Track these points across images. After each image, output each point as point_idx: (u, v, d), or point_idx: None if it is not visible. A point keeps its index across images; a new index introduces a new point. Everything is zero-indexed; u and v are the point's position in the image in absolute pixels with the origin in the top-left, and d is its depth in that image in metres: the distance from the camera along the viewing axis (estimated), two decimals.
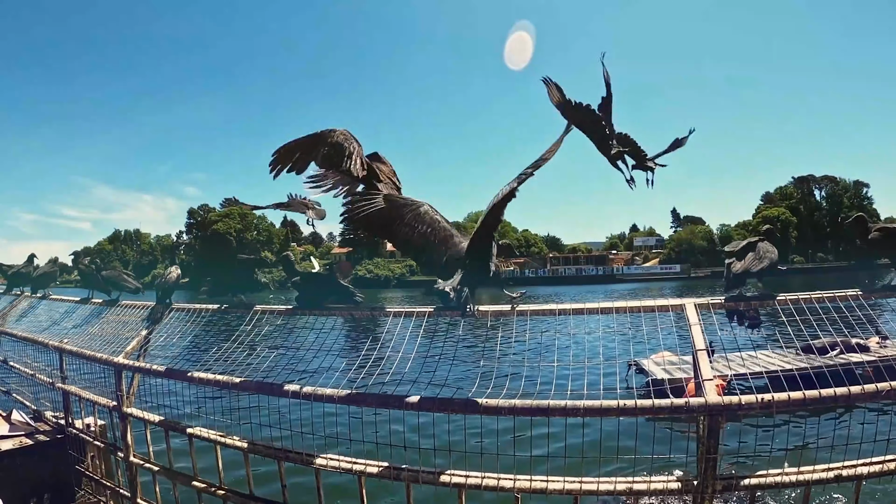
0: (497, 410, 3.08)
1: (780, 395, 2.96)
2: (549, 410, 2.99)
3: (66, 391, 6.19)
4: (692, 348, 3.33)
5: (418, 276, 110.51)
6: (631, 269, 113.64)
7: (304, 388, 3.62)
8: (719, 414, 3.02)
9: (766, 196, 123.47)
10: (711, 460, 3.07)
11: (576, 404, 2.97)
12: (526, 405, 3.04)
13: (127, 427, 5.10)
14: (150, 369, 4.78)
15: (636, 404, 2.95)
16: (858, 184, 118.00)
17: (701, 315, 3.55)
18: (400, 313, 3.95)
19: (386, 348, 3.85)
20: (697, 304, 3.59)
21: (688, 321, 3.48)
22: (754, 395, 2.98)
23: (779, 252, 3.79)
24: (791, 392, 2.97)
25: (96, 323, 6.17)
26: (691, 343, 3.36)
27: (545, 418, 3.13)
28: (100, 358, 5.22)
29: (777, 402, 2.96)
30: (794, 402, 2.97)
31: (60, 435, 6.45)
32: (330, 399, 3.52)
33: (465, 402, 3.18)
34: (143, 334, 5.20)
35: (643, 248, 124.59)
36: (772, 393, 2.97)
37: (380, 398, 3.40)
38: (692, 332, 3.40)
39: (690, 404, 2.97)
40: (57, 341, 6.12)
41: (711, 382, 3.10)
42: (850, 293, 3.62)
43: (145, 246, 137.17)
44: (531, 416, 3.06)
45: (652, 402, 2.96)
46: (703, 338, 3.36)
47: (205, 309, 5.05)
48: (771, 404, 2.96)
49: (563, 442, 3.46)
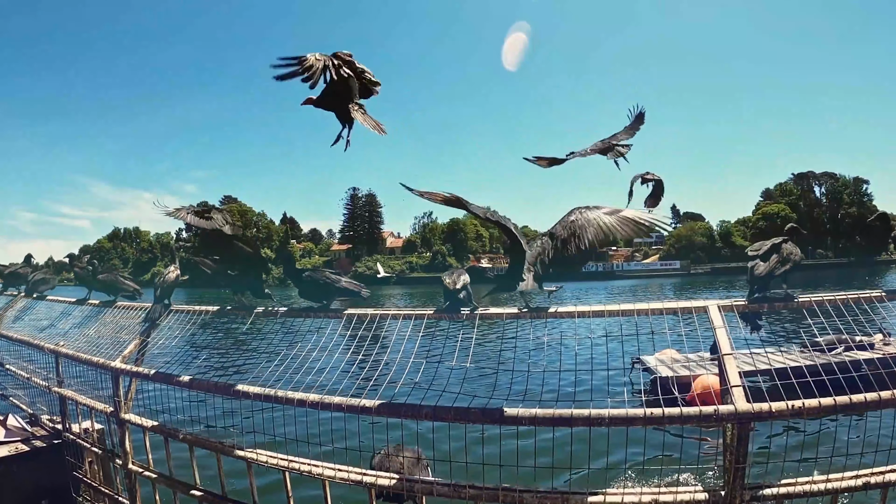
0: (517, 420, 2.92)
1: (810, 401, 2.83)
2: (572, 420, 2.84)
3: (63, 395, 6.02)
4: (718, 352, 3.18)
5: (418, 272, 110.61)
6: (631, 266, 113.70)
7: (310, 397, 3.45)
8: (749, 422, 2.88)
9: (765, 192, 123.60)
10: (740, 469, 2.94)
11: (600, 413, 2.81)
12: (547, 414, 2.87)
13: (125, 433, 4.95)
14: (147, 374, 4.63)
15: (664, 413, 2.80)
16: (858, 180, 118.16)
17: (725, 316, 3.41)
18: (398, 315, 3.84)
19: (387, 349, 3.74)
20: (721, 306, 3.44)
21: (712, 324, 3.34)
22: (785, 403, 2.85)
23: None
24: (822, 398, 2.84)
25: (93, 325, 6.01)
26: (717, 347, 3.21)
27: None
28: (96, 362, 5.06)
29: (808, 408, 2.83)
30: (825, 409, 2.84)
31: (58, 440, 6.29)
32: (338, 408, 3.34)
33: (483, 412, 3.01)
34: (140, 337, 5.03)
35: (643, 244, 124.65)
36: (802, 399, 2.84)
37: (392, 408, 3.22)
38: (717, 336, 3.26)
39: (720, 412, 2.82)
40: (53, 344, 5.97)
41: (739, 389, 2.96)
42: (875, 294, 3.52)
43: (145, 244, 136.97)
44: (553, 427, 2.90)
45: (680, 411, 2.81)
46: (728, 341, 3.21)
47: (204, 311, 4.91)
48: (802, 411, 2.84)
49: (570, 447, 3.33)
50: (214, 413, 4.41)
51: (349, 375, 3.65)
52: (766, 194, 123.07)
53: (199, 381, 4.18)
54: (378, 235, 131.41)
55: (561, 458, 3.20)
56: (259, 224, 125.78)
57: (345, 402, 3.34)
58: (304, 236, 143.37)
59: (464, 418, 3.02)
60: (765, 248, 3.59)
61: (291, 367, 3.89)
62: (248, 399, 3.83)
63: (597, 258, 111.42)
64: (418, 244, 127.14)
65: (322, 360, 3.86)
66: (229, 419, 4.35)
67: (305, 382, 3.66)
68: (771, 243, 3.62)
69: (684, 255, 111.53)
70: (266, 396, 3.69)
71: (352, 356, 3.86)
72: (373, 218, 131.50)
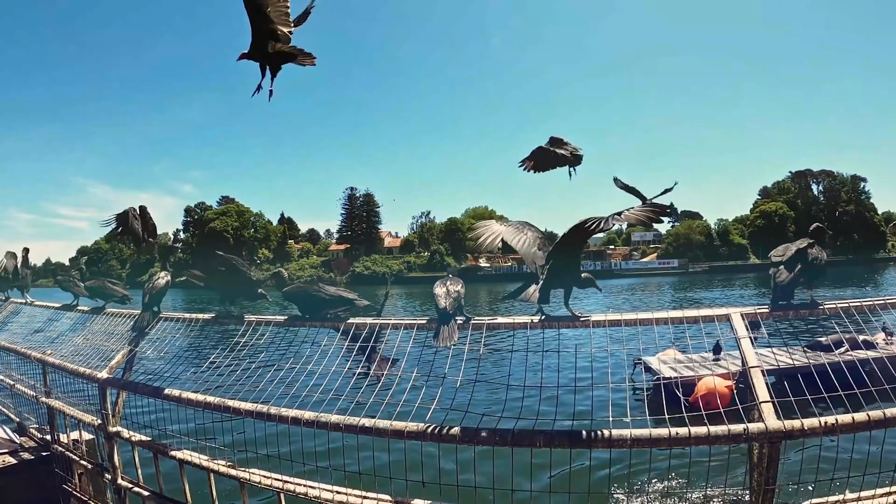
0: (531, 441, 2.70)
1: (843, 417, 2.64)
2: (591, 441, 2.61)
3: (51, 406, 5.79)
4: (744, 365, 2.96)
5: (416, 272, 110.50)
6: (629, 264, 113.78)
7: (304, 415, 3.21)
8: (780, 441, 2.67)
9: (763, 191, 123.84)
10: (769, 492, 2.74)
11: (622, 434, 2.59)
12: (563, 434, 2.65)
13: (113, 447, 4.72)
14: (134, 387, 4.41)
15: (690, 433, 2.58)
16: (856, 178, 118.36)
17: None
18: (399, 325, 3.64)
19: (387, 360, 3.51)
20: (744, 314, 3.23)
21: (735, 333, 3.13)
22: (817, 420, 2.64)
23: (776, 247, 3.49)
24: (855, 414, 2.65)
25: (82, 332, 5.79)
26: (741, 359, 3.00)
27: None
28: (82, 373, 4.83)
29: (841, 425, 2.64)
30: (859, 425, 2.64)
31: (46, 452, 6.07)
32: (335, 427, 3.11)
33: (493, 433, 2.77)
34: (128, 346, 4.80)
35: (641, 243, 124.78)
36: (835, 416, 2.64)
37: (396, 430, 2.96)
38: (742, 347, 3.05)
39: (750, 431, 2.61)
40: (40, 353, 5.72)
41: (769, 405, 2.75)
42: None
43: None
44: (570, 448, 2.68)
45: (707, 431, 2.58)
46: (754, 353, 3.00)
47: (195, 319, 4.71)
48: (835, 428, 2.63)
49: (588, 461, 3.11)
50: (205, 426, 4.17)
51: (348, 388, 3.41)
52: (763, 192, 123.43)
53: (189, 395, 3.95)
54: (376, 235, 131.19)
55: (578, 474, 2.99)
56: (257, 224, 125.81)
57: (342, 422, 3.10)
58: (302, 236, 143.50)
59: (472, 440, 2.79)
60: (789, 253, 3.36)
61: (287, 378, 3.68)
62: (239, 416, 3.61)
63: (594, 257, 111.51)
64: (416, 244, 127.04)
65: (319, 371, 3.62)
66: (222, 435, 4.15)
67: (301, 398, 3.43)
68: (796, 248, 3.39)
69: (682, 254, 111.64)
70: (258, 413, 3.45)
71: (351, 367, 3.62)
72: (371, 218, 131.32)
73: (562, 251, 3.24)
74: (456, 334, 3.17)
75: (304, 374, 3.66)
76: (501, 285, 69.29)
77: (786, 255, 3.37)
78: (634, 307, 37.96)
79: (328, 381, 3.47)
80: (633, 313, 3.25)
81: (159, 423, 4.54)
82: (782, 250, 3.43)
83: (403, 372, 3.35)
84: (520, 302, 3.33)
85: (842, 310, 3.28)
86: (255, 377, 3.84)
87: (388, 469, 3.33)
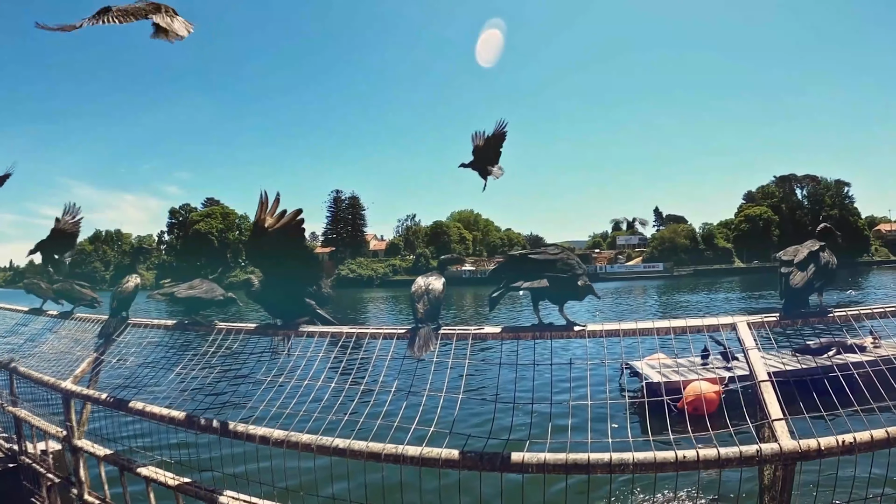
0: (522, 467, 2.43)
1: (861, 434, 2.43)
2: (589, 467, 2.35)
3: (17, 416, 5.46)
4: (753, 378, 2.73)
5: (401, 275, 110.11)
6: (614, 268, 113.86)
7: (274, 434, 2.92)
8: (795, 462, 2.45)
9: (747, 195, 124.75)
10: None
11: (623, 458, 2.33)
12: (559, 460, 2.36)
13: (79, 461, 4.45)
14: (98, 398, 4.11)
15: (698, 456, 2.33)
16: (839, 183, 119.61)
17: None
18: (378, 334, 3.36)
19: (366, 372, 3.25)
20: (751, 323, 3.00)
21: (742, 344, 2.90)
22: (835, 438, 2.42)
23: (761, 250, 3.27)
24: (873, 431, 2.45)
25: (48, 338, 5.49)
26: (750, 372, 2.76)
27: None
28: (46, 382, 4.53)
29: (860, 443, 2.42)
30: (878, 443, 2.44)
31: (13, 464, 5.76)
32: (306, 448, 2.84)
33: (480, 457, 2.50)
34: (94, 354, 4.50)
35: (626, 246, 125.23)
36: (853, 434, 2.42)
37: (372, 453, 2.67)
38: (749, 359, 2.81)
39: (763, 453, 2.37)
40: (7, 359, 5.41)
41: (782, 423, 2.51)
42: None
43: (126, 246, 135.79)
44: (566, 474, 2.41)
45: (717, 452, 2.33)
46: (763, 365, 2.76)
47: (163, 325, 4.48)
48: (853, 447, 2.41)
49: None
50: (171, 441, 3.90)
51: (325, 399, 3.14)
52: (748, 196, 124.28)
53: (154, 409, 3.67)
54: (361, 238, 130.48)
55: (574, 488, 2.74)
56: (242, 226, 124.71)
57: (314, 442, 2.81)
58: None
59: (456, 464, 2.52)
60: (801, 256, 3.13)
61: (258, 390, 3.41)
62: (205, 432, 3.33)
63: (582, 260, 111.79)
64: (402, 247, 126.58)
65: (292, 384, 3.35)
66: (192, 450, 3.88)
67: (271, 413, 3.15)
68: (808, 250, 3.15)
69: (667, 258, 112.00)
70: (224, 430, 3.18)
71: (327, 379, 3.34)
72: (356, 220, 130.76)
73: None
74: (433, 343, 2.91)
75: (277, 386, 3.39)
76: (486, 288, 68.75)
77: (797, 256, 3.13)
78: (621, 311, 37.86)
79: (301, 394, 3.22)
80: (632, 322, 3.00)
81: (127, 436, 4.34)
82: (792, 252, 3.20)
83: (383, 386, 3.08)
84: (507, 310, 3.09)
85: (852, 317, 3.06)
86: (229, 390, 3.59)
87: (364, 490, 3.07)
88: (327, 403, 3.13)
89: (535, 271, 3.02)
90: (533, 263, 3.05)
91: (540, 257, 3.07)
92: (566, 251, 3.18)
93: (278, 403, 3.21)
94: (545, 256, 3.07)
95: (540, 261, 3.05)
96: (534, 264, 3.04)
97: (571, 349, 2.88)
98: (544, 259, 3.06)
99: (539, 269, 3.03)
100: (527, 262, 3.06)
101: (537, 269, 3.02)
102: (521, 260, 3.09)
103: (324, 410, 3.06)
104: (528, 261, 3.06)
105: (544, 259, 3.06)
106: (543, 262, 3.05)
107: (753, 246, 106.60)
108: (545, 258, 3.06)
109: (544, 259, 3.06)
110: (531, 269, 3.02)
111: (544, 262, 3.05)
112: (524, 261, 3.08)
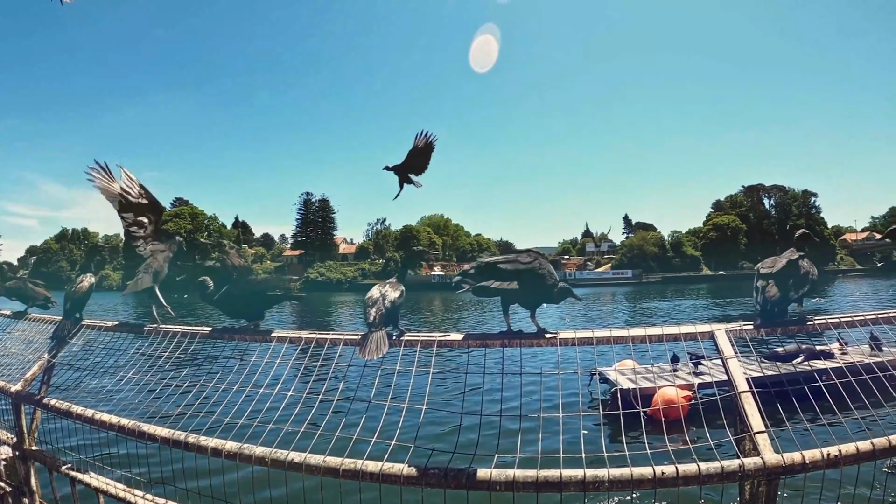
0: (490, 485, 2.26)
1: (846, 447, 2.35)
2: (561, 484, 2.19)
3: None
4: (733, 389, 2.60)
5: (370, 279, 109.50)
6: (584, 274, 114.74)
7: (226, 446, 2.72)
8: (779, 477, 2.33)
9: (716, 204, 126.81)
10: None
11: (597, 475, 2.17)
12: (529, 478, 2.20)
13: (30, 469, 4.22)
14: (47, 404, 3.87)
15: (678, 472, 2.18)
16: (806, 193, 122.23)
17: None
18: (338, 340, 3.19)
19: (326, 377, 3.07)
20: (729, 332, 2.88)
21: (721, 353, 2.78)
22: (819, 451, 2.33)
23: (728, 259, 3.18)
24: (858, 443, 2.37)
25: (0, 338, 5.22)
26: (731, 382, 2.63)
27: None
28: None
29: (845, 456, 2.34)
30: (863, 454, 2.37)
31: None
32: (260, 461, 2.64)
33: (444, 474, 2.33)
34: (46, 357, 4.24)
35: (595, 253, 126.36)
36: (838, 446, 2.34)
37: (329, 468, 2.46)
38: (729, 369, 2.69)
39: (746, 467, 2.23)
40: None
41: (765, 436, 2.38)
42: (893, 314, 3.06)
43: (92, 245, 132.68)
44: (537, 492, 2.24)
45: (697, 468, 2.19)
46: (743, 376, 2.64)
47: (119, 328, 4.31)
48: (839, 460, 2.33)
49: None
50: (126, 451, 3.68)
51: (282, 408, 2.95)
52: (716, 205, 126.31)
53: (103, 417, 3.45)
54: (331, 241, 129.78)
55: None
56: (210, 228, 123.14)
57: (268, 456, 2.61)
58: (257, 241, 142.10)
59: (418, 481, 2.34)
60: (779, 266, 3.03)
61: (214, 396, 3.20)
62: (154, 442, 3.11)
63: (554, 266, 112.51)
64: (371, 251, 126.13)
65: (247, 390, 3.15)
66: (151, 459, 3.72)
67: (225, 422, 2.95)
68: (786, 260, 3.07)
69: (636, 265, 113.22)
70: (175, 441, 2.96)
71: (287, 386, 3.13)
72: (326, 224, 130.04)
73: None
74: (385, 346, 2.75)
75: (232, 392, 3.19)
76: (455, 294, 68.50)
77: (775, 267, 3.03)
78: (591, 317, 37.96)
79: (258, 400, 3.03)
80: (605, 330, 2.86)
81: (80, 444, 4.09)
82: (771, 262, 3.11)
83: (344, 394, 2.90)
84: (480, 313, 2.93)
85: (833, 325, 3.00)
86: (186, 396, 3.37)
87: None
88: (285, 412, 2.94)
89: (505, 280, 2.87)
90: (503, 273, 2.90)
91: (510, 266, 2.92)
92: (539, 259, 3.03)
93: (234, 410, 3.04)
94: (516, 266, 2.93)
95: (510, 270, 2.91)
96: (504, 274, 2.89)
97: (542, 356, 2.74)
98: (514, 269, 2.91)
99: (509, 279, 2.88)
100: (496, 272, 2.91)
101: (508, 279, 2.88)
102: (489, 269, 2.93)
103: (280, 420, 2.87)
104: (498, 270, 2.91)
105: (514, 269, 2.91)
106: (513, 272, 2.90)
107: (721, 254, 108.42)
108: (515, 268, 2.92)
109: (514, 269, 2.91)
110: (501, 278, 2.87)
111: (514, 273, 2.90)
112: (493, 270, 2.92)
